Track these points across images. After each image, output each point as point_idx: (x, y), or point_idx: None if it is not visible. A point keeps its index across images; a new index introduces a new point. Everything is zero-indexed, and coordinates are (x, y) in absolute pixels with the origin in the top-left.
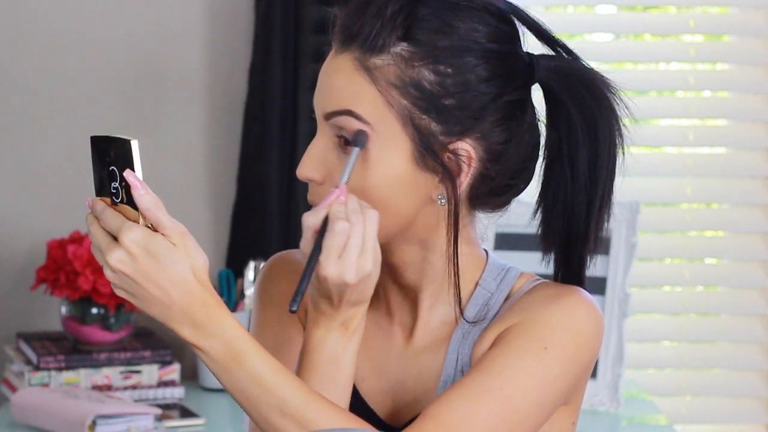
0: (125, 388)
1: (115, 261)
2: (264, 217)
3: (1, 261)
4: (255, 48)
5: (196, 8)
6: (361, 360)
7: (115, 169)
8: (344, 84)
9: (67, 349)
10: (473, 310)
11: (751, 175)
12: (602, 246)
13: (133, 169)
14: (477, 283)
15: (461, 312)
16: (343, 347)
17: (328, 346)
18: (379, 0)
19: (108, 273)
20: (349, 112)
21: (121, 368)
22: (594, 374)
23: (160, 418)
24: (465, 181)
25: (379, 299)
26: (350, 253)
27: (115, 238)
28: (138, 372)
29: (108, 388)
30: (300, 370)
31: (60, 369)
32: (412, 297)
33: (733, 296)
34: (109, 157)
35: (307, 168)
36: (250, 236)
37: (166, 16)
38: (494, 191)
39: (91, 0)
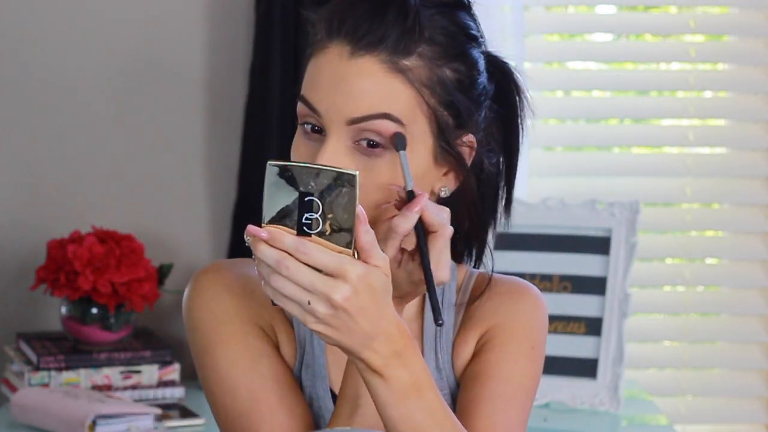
0: (125, 388)
1: (342, 299)
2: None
3: (1, 261)
4: (255, 48)
5: (196, 8)
6: (334, 367)
7: (315, 199)
8: (376, 87)
9: (67, 349)
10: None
11: (751, 175)
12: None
13: (354, 203)
14: None
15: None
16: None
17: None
18: (395, 3)
19: (321, 309)
20: (386, 116)
21: (121, 368)
22: (594, 374)
23: (160, 418)
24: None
25: None
26: (446, 255)
27: (317, 272)
28: (138, 372)
29: (108, 388)
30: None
31: (60, 369)
32: None
33: (733, 296)
34: (308, 186)
35: None
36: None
37: (166, 16)
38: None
39: (91, 0)
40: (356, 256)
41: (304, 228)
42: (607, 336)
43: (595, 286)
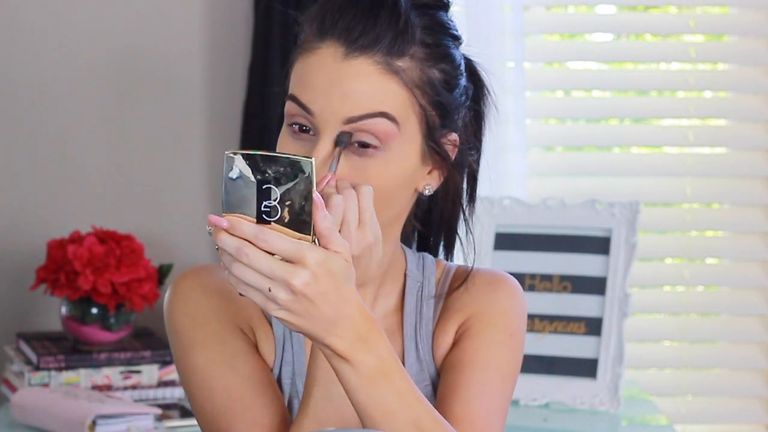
0: (125, 388)
1: (301, 284)
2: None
3: (1, 261)
4: (255, 48)
5: (196, 8)
6: None
7: (272, 187)
8: (371, 87)
9: (67, 349)
10: (411, 301)
11: (751, 175)
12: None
13: (311, 189)
14: (405, 274)
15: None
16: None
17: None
18: (386, 4)
19: (281, 295)
20: (383, 114)
21: (121, 368)
22: (594, 374)
23: (160, 418)
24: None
25: None
26: (349, 226)
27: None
28: (138, 372)
29: (108, 388)
30: (311, 360)
31: (60, 369)
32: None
33: (733, 296)
34: (264, 174)
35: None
36: None
37: (165, 16)
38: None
39: (91, 0)
40: (316, 242)
41: (264, 216)
42: (607, 336)
43: (595, 286)
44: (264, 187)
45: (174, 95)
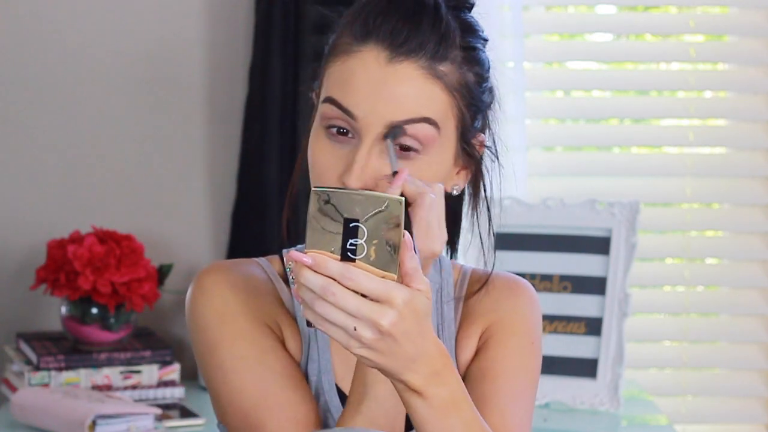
0: (125, 388)
1: (389, 324)
2: (264, 217)
3: (1, 261)
4: (255, 48)
5: (196, 8)
6: (338, 361)
7: (359, 225)
8: (415, 92)
9: (67, 349)
10: (432, 303)
11: (751, 175)
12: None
13: (401, 229)
14: None
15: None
16: None
17: None
18: (428, 8)
19: (367, 334)
20: (426, 120)
21: (121, 368)
22: (594, 374)
23: (160, 418)
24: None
25: None
26: (434, 225)
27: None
28: (138, 372)
29: (108, 388)
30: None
31: (60, 369)
32: None
33: (733, 296)
34: (351, 212)
35: (360, 180)
36: (250, 236)
37: (166, 16)
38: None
39: (91, 0)
40: (398, 279)
41: (348, 254)
42: (607, 336)
43: (595, 286)
44: (351, 225)
45: (174, 95)
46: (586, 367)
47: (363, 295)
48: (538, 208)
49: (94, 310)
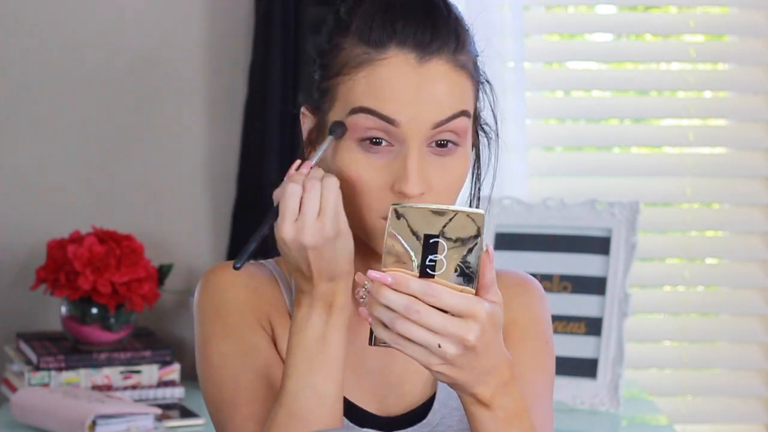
0: (125, 388)
1: (475, 338)
2: (264, 217)
3: (1, 261)
4: (255, 48)
5: (196, 8)
6: None
7: (440, 240)
8: (450, 87)
9: (67, 349)
10: None
11: (751, 175)
12: None
13: (482, 243)
14: None
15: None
16: (328, 325)
17: (313, 324)
18: (437, 4)
19: (451, 350)
20: (464, 113)
21: (121, 368)
22: (594, 374)
23: (160, 418)
24: None
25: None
26: (305, 216)
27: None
28: (138, 372)
29: (108, 388)
30: (288, 351)
31: (60, 369)
32: None
33: (733, 296)
34: (433, 228)
35: (419, 186)
36: (250, 236)
37: (166, 16)
38: None
39: (91, 0)
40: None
41: (427, 269)
42: (607, 336)
43: (595, 286)
44: (431, 240)
45: (174, 95)
46: (586, 367)
47: (443, 311)
48: (538, 208)
49: (94, 310)
